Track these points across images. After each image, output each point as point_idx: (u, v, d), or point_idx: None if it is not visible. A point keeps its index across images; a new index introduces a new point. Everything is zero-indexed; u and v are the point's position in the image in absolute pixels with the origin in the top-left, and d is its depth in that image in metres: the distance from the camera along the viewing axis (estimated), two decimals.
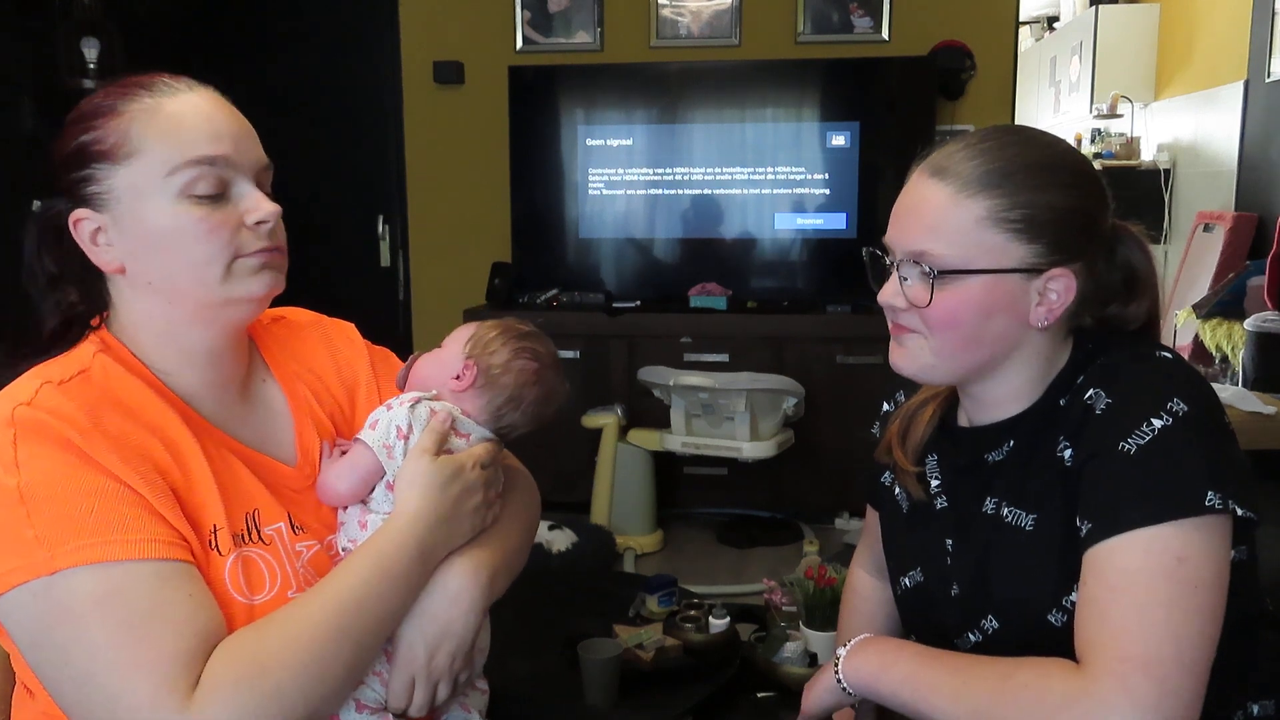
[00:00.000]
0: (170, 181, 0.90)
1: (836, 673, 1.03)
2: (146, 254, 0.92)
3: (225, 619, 0.86)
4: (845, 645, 1.03)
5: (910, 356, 1.03)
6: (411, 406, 1.03)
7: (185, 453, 0.91)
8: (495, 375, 1.08)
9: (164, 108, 0.92)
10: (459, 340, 1.11)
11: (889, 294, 1.02)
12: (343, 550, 1.00)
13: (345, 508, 1.02)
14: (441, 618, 0.97)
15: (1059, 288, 0.97)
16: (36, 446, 0.83)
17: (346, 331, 1.18)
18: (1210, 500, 0.87)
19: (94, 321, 0.97)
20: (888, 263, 1.03)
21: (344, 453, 1.04)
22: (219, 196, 0.92)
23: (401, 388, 1.11)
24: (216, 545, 0.89)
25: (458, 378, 1.08)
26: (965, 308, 0.97)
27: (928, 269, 0.97)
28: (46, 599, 0.80)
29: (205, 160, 0.91)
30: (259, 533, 0.94)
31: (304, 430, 1.05)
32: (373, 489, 1.02)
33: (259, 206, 0.94)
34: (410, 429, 1.01)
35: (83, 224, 0.92)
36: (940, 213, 0.97)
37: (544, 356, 1.12)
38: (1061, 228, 0.96)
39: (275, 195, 0.97)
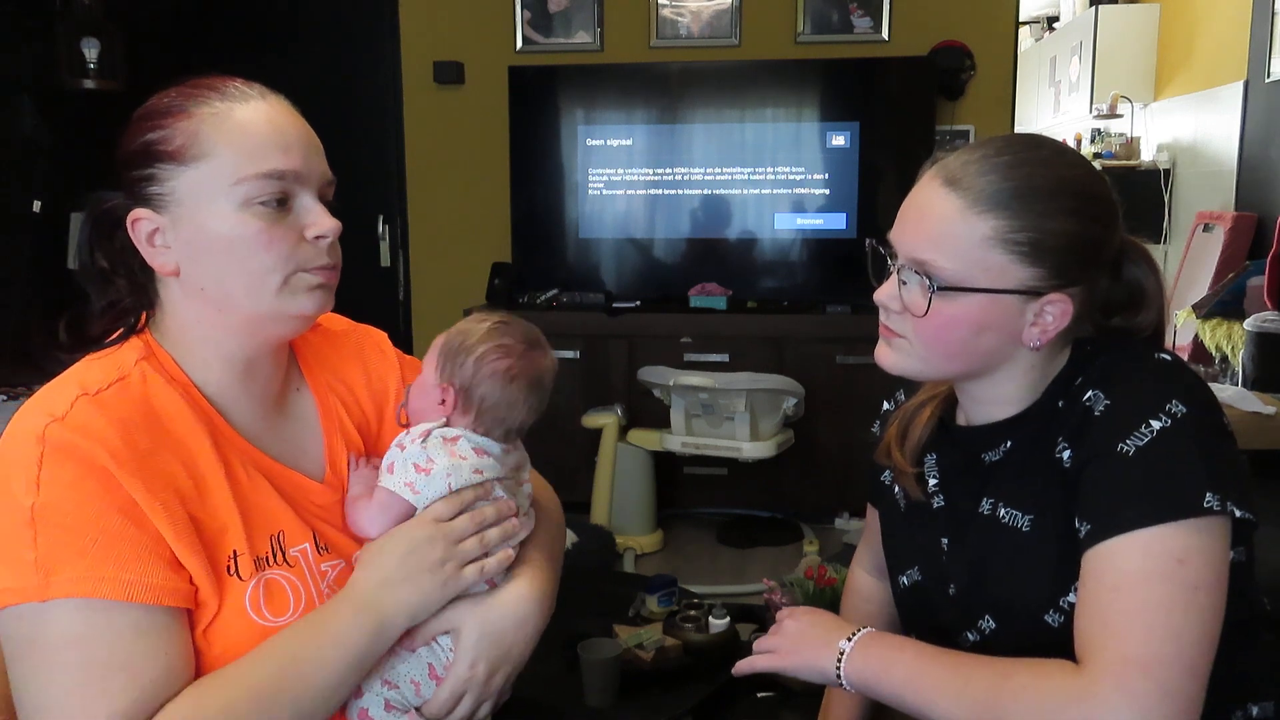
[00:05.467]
0: (236, 190, 0.89)
1: (838, 668, 1.02)
2: (203, 259, 0.91)
3: (246, 643, 0.86)
4: (849, 638, 1.03)
5: (896, 357, 1.04)
6: (423, 441, 1.01)
7: (208, 475, 0.90)
8: (471, 389, 1.04)
9: (235, 114, 0.91)
10: (431, 362, 1.06)
11: (886, 295, 1.03)
12: None
13: None
14: (508, 640, 0.99)
15: (1055, 311, 0.97)
16: (60, 470, 0.82)
17: (379, 342, 1.16)
18: (1209, 502, 0.87)
19: (140, 322, 0.96)
20: (889, 262, 1.03)
21: (370, 464, 1.04)
22: (282, 208, 0.91)
23: (400, 423, 1.08)
24: (236, 571, 0.89)
25: (441, 403, 1.04)
26: (958, 323, 0.98)
27: (928, 281, 0.97)
28: (30, 624, 0.81)
29: (275, 174, 0.90)
30: (284, 554, 0.93)
31: (333, 443, 1.04)
32: None
33: (320, 221, 0.93)
34: (430, 461, 1.00)
35: (140, 224, 0.91)
36: (947, 225, 0.97)
37: (513, 347, 1.05)
38: (1066, 254, 0.96)
39: None
